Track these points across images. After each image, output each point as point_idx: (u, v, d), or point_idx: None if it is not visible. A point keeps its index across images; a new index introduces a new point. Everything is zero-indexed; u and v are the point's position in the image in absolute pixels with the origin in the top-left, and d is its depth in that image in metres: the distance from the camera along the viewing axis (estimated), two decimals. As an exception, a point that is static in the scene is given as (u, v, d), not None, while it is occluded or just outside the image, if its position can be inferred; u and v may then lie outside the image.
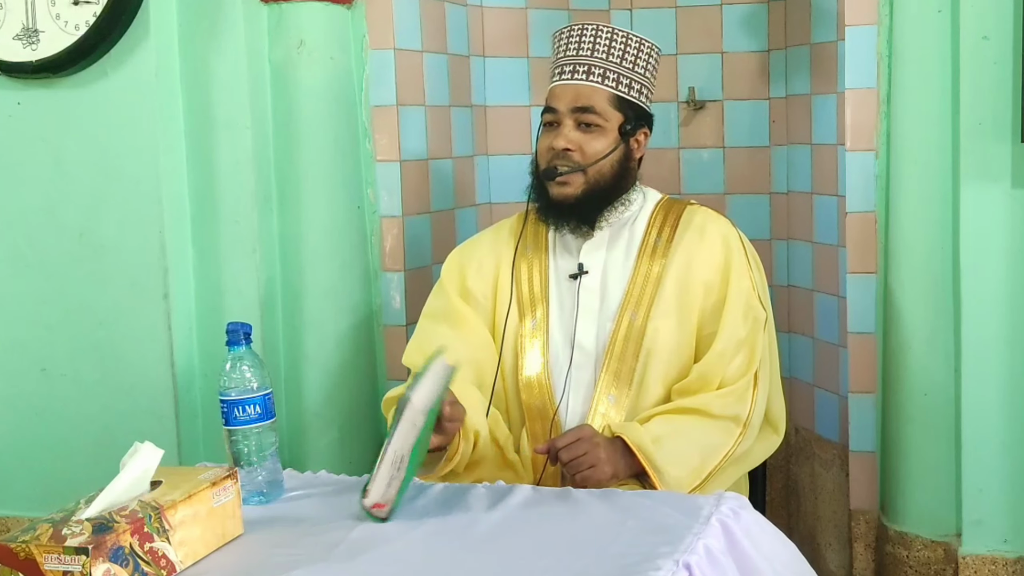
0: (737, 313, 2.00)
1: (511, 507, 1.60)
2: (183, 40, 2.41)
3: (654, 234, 2.08)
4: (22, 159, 2.48)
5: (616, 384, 2.01)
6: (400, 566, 1.42)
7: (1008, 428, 2.30)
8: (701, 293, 2.03)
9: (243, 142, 2.41)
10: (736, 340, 1.99)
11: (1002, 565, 2.32)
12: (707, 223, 2.09)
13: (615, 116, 2.05)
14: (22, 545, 1.30)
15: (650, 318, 2.02)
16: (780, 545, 1.56)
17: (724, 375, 1.98)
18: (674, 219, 2.10)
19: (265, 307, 2.46)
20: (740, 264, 2.04)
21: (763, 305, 2.05)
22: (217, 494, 1.49)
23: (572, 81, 2.05)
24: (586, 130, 2.04)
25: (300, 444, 2.51)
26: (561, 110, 2.05)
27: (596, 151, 2.04)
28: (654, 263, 2.05)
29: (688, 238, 2.07)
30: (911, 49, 2.31)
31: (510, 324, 2.08)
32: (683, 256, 2.05)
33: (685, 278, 2.03)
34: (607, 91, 2.05)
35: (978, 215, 2.26)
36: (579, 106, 2.04)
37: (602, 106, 2.04)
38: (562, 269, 2.10)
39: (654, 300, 2.03)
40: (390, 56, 2.53)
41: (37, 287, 2.51)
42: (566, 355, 2.05)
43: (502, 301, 2.11)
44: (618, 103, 2.06)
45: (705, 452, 1.94)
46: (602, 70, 2.05)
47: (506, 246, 2.16)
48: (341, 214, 2.52)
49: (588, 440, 1.89)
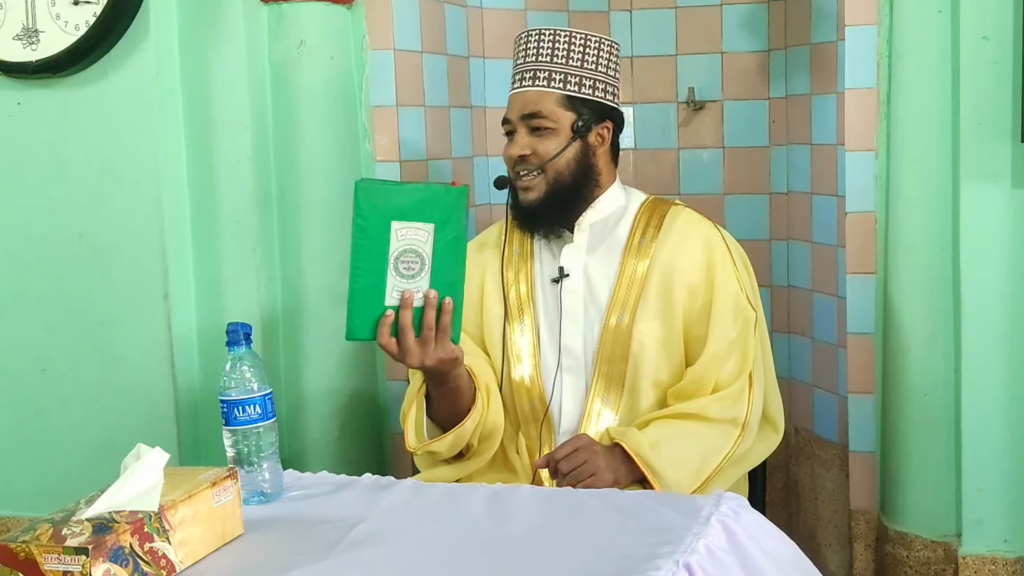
0: (726, 315, 2.01)
1: (511, 507, 1.60)
2: (183, 40, 2.41)
3: (638, 234, 2.09)
4: (22, 159, 2.48)
5: (608, 387, 2.02)
6: (400, 566, 1.42)
7: (1008, 428, 2.30)
8: (685, 295, 2.03)
9: (243, 142, 2.41)
10: (728, 342, 2.00)
11: (1002, 565, 2.32)
12: (690, 225, 2.09)
13: (565, 116, 2.06)
14: (22, 545, 1.30)
15: (636, 320, 2.02)
16: (782, 544, 1.56)
17: (718, 378, 1.99)
18: (658, 219, 2.10)
19: (265, 307, 2.46)
20: (725, 266, 2.05)
21: (752, 305, 2.05)
22: (217, 494, 1.49)
23: (521, 89, 2.09)
24: (537, 134, 2.06)
25: (300, 444, 2.51)
26: (513, 119, 2.09)
27: (548, 151, 2.05)
28: (639, 262, 2.06)
29: (671, 239, 2.07)
30: (911, 49, 2.31)
31: (500, 331, 2.10)
32: (666, 256, 2.05)
33: (668, 279, 2.04)
34: (555, 93, 2.06)
35: (978, 215, 2.26)
36: (527, 112, 2.07)
37: (549, 108, 2.06)
38: (546, 274, 2.12)
39: (639, 301, 2.03)
40: (390, 56, 2.53)
41: (37, 287, 2.51)
42: (553, 358, 2.06)
43: (489, 308, 2.12)
44: (568, 103, 2.06)
45: (704, 455, 1.94)
46: (547, 73, 2.07)
47: (491, 256, 2.17)
48: (341, 214, 2.51)
49: (587, 448, 1.90)
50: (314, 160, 2.47)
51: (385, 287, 1.76)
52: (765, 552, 1.49)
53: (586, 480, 1.87)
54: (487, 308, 2.12)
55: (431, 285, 1.76)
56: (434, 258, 1.76)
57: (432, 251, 1.76)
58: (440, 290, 1.77)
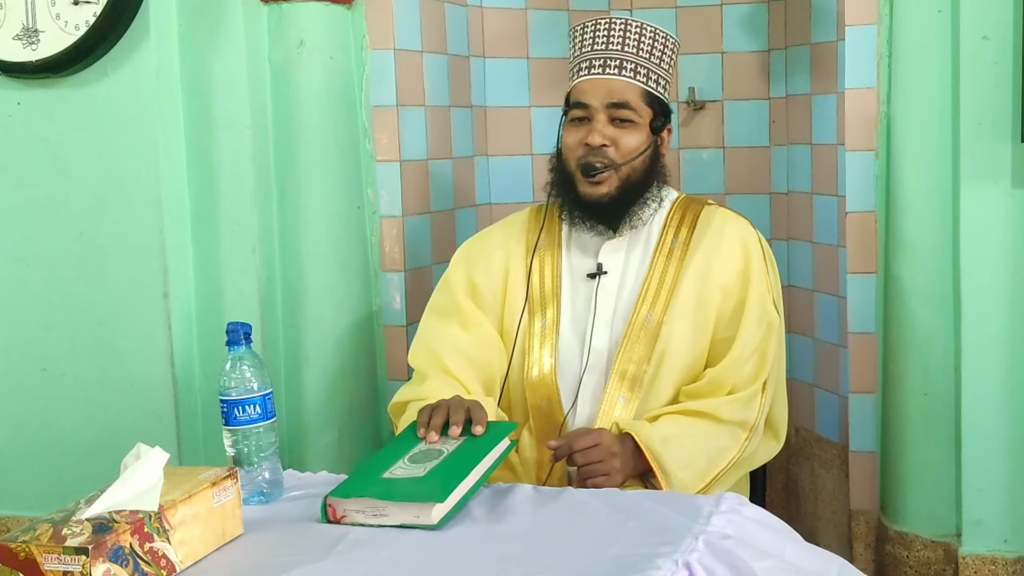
0: (754, 319, 1.98)
1: (511, 507, 1.60)
2: (183, 40, 2.41)
3: (671, 235, 2.05)
4: (22, 159, 2.49)
5: (626, 385, 1.98)
6: (399, 566, 1.41)
7: (1008, 428, 2.30)
8: (719, 297, 2.00)
9: (243, 142, 2.41)
10: (752, 346, 1.97)
11: (1002, 565, 2.32)
12: (726, 225, 2.06)
13: (647, 112, 2.02)
14: (22, 545, 1.30)
15: (666, 320, 1.98)
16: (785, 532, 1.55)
17: (736, 381, 1.96)
18: (691, 220, 2.06)
19: (265, 307, 2.46)
20: (759, 268, 2.02)
21: (777, 309, 2.02)
22: (217, 494, 1.49)
23: (604, 76, 2.01)
24: (620, 126, 2.00)
25: (300, 444, 2.51)
26: (594, 105, 2.00)
27: (631, 148, 2.01)
28: (670, 264, 2.02)
29: (707, 241, 2.03)
30: (911, 49, 2.31)
31: (518, 320, 2.05)
32: (701, 259, 2.02)
33: (703, 281, 2.00)
34: (639, 87, 2.02)
35: (978, 215, 2.26)
36: (614, 101, 2.00)
37: (636, 102, 2.01)
38: (577, 268, 2.07)
39: (670, 302, 1.99)
40: (390, 56, 2.53)
41: (37, 287, 2.51)
42: (575, 356, 2.02)
43: (512, 299, 2.08)
44: (648, 99, 2.03)
45: (712, 456, 1.92)
46: (633, 65, 2.02)
47: (517, 242, 2.12)
48: (341, 214, 2.52)
49: (606, 449, 1.85)
50: (314, 160, 2.47)
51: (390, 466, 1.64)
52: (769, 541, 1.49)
53: (597, 479, 1.83)
54: (509, 300, 2.08)
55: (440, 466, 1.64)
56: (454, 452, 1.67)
57: (455, 448, 1.68)
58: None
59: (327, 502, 1.55)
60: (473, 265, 2.13)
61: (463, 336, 2.06)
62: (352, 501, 1.54)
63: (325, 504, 1.55)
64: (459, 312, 2.09)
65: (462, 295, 2.10)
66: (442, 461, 1.62)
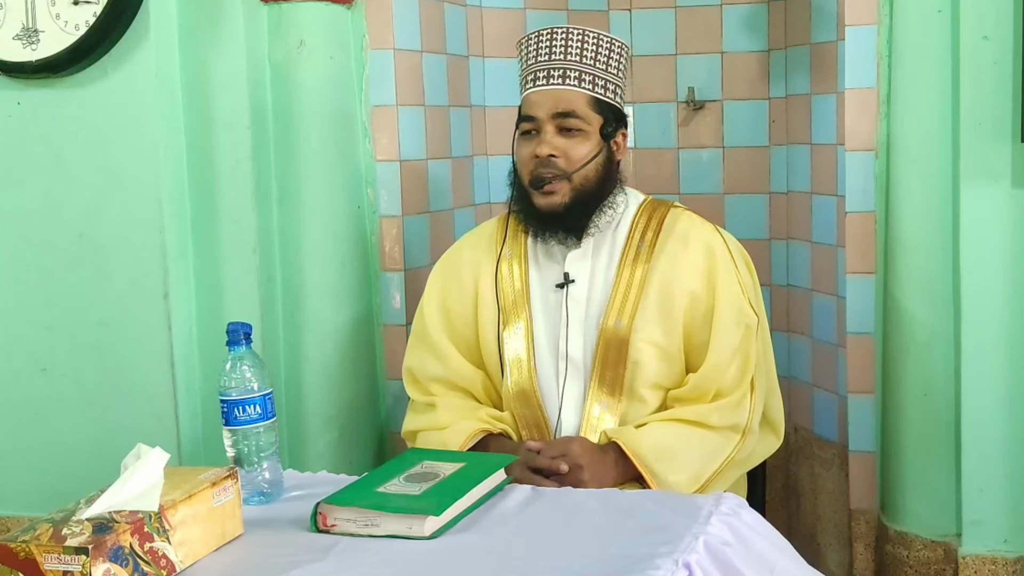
0: (729, 322, 1.98)
1: (511, 507, 1.60)
2: (183, 40, 2.41)
3: (637, 237, 2.05)
4: (22, 159, 2.48)
5: (605, 392, 1.99)
6: (399, 566, 1.42)
7: (1008, 428, 2.30)
8: (687, 302, 2.00)
9: (243, 142, 2.41)
10: (731, 349, 1.97)
11: (1002, 565, 2.32)
12: (691, 230, 2.05)
13: (595, 119, 2.02)
14: (22, 545, 1.30)
15: (634, 326, 1.98)
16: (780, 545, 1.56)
17: (720, 386, 1.97)
18: (657, 223, 2.06)
19: (265, 307, 2.46)
20: (726, 271, 2.01)
21: (754, 309, 2.02)
22: (217, 494, 1.49)
23: (549, 87, 2.02)
24: (568, 135, 2.00)
25: (300, 444, 2.51)
26: (541, 117, 2.01)
27: (580, 156, 2.00)
28: (637, 268, 2.02)
29: (671, 244, 2.03)
30: (911, 49, 2.31)
31: (493, 334, 2.07)
32: (667, 262, 2.02)
33: (669, 285, 2.00)
34: (586, 94, 2.01)
35: (978, 215, 2.26)
36: (560, 111, 2.00)
37: (583, 110, 2.00)
38: (546, 278, 2.07)
39: (638, 307, 1.99)
40: (389, 56, 2.53)
41: (37, 287, 2.51)
42: (552, 365, 2.03)
43: (484, 314, 2.09)
44: (597, 105, 2.02)
45: (704, 458, 1.93)
46: (578, 73, 2.01)
47: (485, 254, 2.13)
48: (341, 214, 2.52)
49: (572, 460, 1.88)
50: (314, 160, 2.47)
51: (385, 483, 1.63)
52: (764, 552, 1.49)
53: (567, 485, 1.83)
54: (482, 315, 2.09)
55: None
56: (451, 476, 1.65)
57: (451, 473, 1.66)
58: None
59: (318, 509, 1.55)
60: (446, 289, 2.15)
61: (445, 372, 2.10)
62: (344, 510, 1.53)
63: (316, 511, 1.55)
64: (436, 348, 2.12)
65: (434, 327, 2.13)
66: (438, 482, 1.62)
